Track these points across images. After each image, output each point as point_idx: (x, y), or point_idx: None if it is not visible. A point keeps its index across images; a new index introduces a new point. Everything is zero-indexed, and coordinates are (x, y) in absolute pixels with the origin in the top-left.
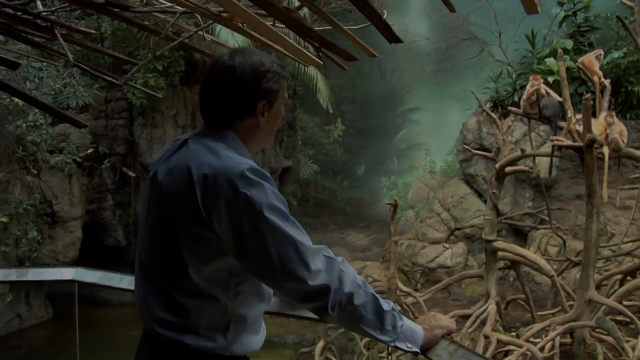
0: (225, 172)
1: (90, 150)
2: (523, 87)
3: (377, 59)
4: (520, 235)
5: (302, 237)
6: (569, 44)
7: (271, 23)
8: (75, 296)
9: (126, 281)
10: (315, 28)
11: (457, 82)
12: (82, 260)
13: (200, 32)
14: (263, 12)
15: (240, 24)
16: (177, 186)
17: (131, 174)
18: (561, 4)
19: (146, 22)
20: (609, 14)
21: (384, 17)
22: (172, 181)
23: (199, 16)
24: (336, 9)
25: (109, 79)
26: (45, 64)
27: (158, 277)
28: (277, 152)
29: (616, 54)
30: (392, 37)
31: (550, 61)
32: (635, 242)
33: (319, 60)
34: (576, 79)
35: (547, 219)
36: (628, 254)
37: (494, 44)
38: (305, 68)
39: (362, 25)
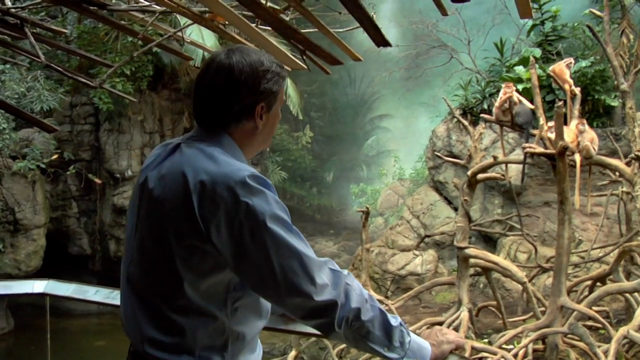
0: (224, 179)
1: (54, 157)
2: (492, 95)
3: (347, 66)
4: (490, 242)
5: (306, 249)
6: (538, 52)
7: (255, 25)
8: (47, 309)
9: (101, 294)
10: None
11: (426, 89)
12: (46, 269)
13: (180, 34)
14: (248, 12)
15: (222, 26)
16: (171, 194)
17: (97, 180)
18: None
19: (122, 22)
20: (575, 24)
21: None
22: (165, 189)
23: (177, 16)
24: (316, 13)
25: (84, 81)
26: (8, 66)
27: (149, 292)
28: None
29: (583, 63)
30: (382, 41)
31: (520, 69)
32: (603, 248)
33: (303, 64)
34: (544, 87)
35: (516, 225)
36: (597, 260)
37: (463, 51)
38: None
39: (350, 29)
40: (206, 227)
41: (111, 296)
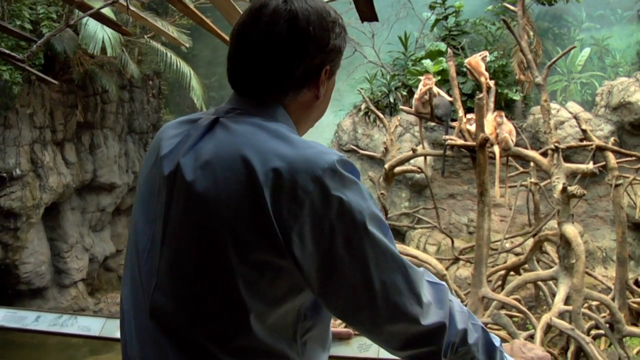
0: (307, 165)
1: None
2: (397, 88)
3: None
4: (399, 235)
5: (404, 258)
6: (443, 46)
7: None
8: None
9: (46, 321)
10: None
11: None
12: None
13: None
14: None
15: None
16: (227, 189)
17: None
18: (432, 8)
19: None
20: (477, 20)
21: None
22: (217, 181)
23: None
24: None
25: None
26: None
27: (193, 332)
28: (140, 155)
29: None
30: (370, 15)
31: (427, 62)
32: (512, 238)
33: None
34: (447, 82)
35: (424, 218)
36: (509, 251)
37: (367, 45)
38: (176, 65)
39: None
40: (285, 235)
41: (59, 322)
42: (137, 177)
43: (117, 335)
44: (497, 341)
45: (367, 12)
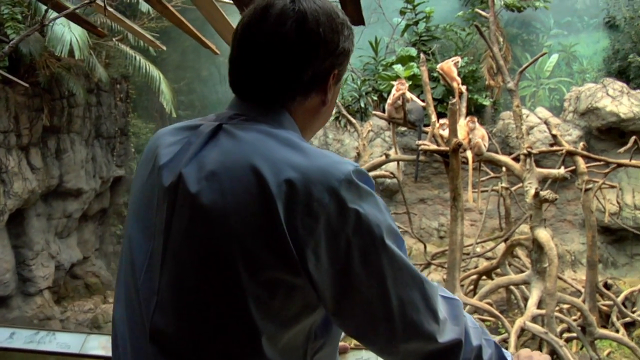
0: (322, 176)
1: None
2: (368, 93)
3: (217, 63)
4: None
5: (420, 272)
6: (413, 52)
7: None
8: None
9: (21, 338)
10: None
11: None
12: None
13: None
14: None
15: None
16: (235, 201)
17: None
18: (403, 13)
19: None
20: (447, 25)
21: None
22: (224, 193)
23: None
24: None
25: None
26: None
27: (197, 356)
28: (108, 160)
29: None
30: (357, 19)
31: (398, 67)
32: (483, 243)
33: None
34: (419, 86)
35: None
36: (481, 255)
37: None
38: (146, 68)
39: None
40: (299, 251)
41: (36, 339)
42: (131, 188)
43: (99, 352)
44: (509, 356)
45: (354, 16)
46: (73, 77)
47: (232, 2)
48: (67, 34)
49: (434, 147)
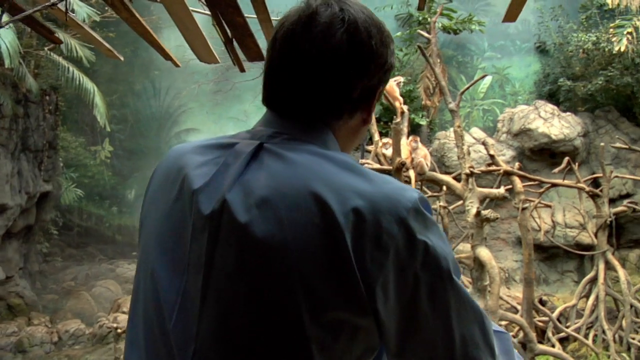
0: (390, 204)
1: None
2: None
3: (151, 76)
4: None
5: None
6: None
7: None
8: None
9: None
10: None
11: (236, 104)
12: None
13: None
14: None
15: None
16: (296, 233)
17: None
18: None
19: None
20: None
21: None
22: (281, 223)
23: None
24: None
25: None
26: None
27: None
28: (35, 175)
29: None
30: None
31: None
32: None
33: (216, 57)
34: None
35: None
36: None
37: None
38: (79, 80)
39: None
40: (368, 289)
41: None
42: (142, 214)
43: None
44: None
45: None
46: (0, 86)
47: (209, 14)
48: None
49: (377, 166)
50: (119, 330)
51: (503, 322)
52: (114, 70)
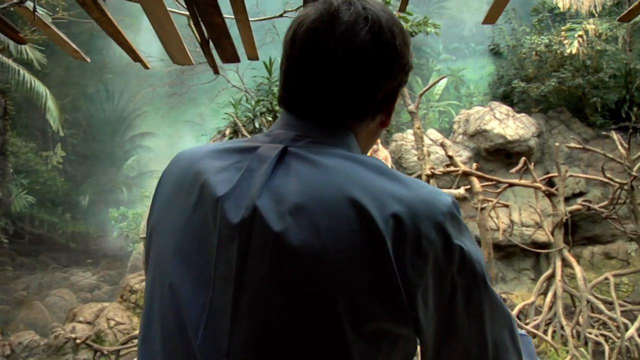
0: (427, 209)
1: None
2: (263, 114)
3: (104, 79)
4: None
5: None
6: None
7: None
8: None
9: None
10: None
11: (191, 107)
12: None
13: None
14: None
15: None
16: (335, 240)
17: None
18: None
19: None
20: None
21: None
22: (318, 231)
23: None
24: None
25: None
26: None
27: None
28: None
29: None
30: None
31: None
32: None
33: (191, 59)
34: None
35: None
36: None
37: (230, 69)
38: (30, 83)
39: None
40: (410, 297)
41: None
42: (151, 221)
43: None
44: None
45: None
46: None
47: (186, 14)
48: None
49: None
50: (77, 341)
51: None
52: (66, 73)
